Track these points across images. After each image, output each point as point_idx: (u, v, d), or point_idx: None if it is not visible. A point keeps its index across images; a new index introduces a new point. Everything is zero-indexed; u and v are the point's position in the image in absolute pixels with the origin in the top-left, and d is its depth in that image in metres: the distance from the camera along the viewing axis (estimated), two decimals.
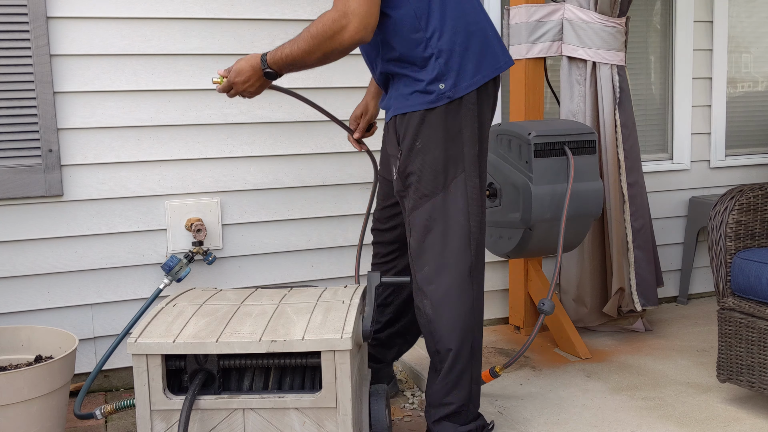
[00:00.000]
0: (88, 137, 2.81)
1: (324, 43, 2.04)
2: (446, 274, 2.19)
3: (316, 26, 2.05)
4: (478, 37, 2.17)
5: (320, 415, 1.92)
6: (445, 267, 2.19)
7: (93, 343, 2.90)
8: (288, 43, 2.13)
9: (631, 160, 3.18)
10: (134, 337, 1.93)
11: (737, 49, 3.88)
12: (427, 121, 2.15)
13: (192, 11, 2.88)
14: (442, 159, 2.16)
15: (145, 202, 2.90)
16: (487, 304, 3.50)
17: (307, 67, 2.14)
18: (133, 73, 2.84)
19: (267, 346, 1.90)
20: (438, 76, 2.13)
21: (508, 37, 3.16)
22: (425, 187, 2.18)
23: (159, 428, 1.95)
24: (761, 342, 2.43)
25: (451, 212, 2.19)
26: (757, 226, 2.57)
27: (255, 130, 3.01)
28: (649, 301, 3.24)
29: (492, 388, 2.74)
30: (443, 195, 2.18)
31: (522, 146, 2.76)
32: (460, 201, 2.18)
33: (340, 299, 2.15)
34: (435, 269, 2.20)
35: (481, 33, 2.18)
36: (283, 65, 2.15)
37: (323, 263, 3.18)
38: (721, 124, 3.81)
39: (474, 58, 2.15)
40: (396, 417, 2.66)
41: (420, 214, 2.20)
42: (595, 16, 3.05)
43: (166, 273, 2.83)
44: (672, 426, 2.42)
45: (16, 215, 2.75)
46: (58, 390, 2.23)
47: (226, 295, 2.27)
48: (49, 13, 2.69)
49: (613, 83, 3.11)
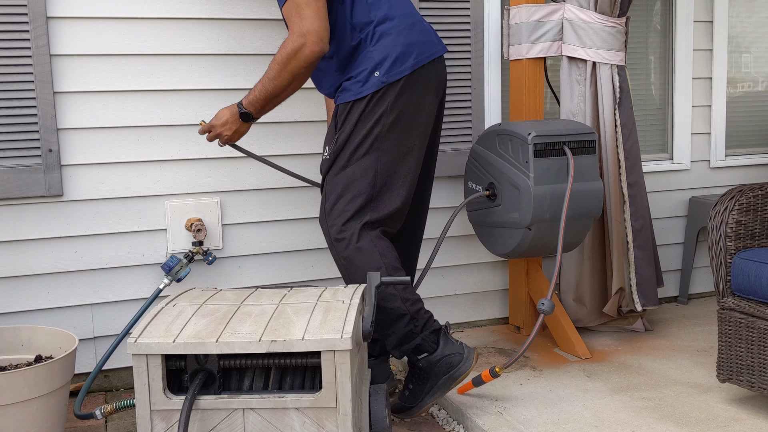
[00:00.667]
0: (88, 137, 2.81)
1: (289, 64, 2.29)
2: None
3: (279, 54, 2.31)
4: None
5: (320, 415, 1.92)
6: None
7: (93, 343, 2.90)
8: (257, 83, 2.39)
9: (631, 160, 3.18)
10: (134, 337, 1.93)
11: (737, 49, 3.88)
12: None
13: (192, 11, 2.88)
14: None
15: (145, 202, 2.90)
16: (487, 304, 3.50)
17: (279, 96, 2.38)
18: (132, 73, 2.84)
19: (267, 346, 1.90)
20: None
21: (508, 37, 3.16)
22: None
23: (159, 428, 1.95)
24: (761, 342, 2.43)
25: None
26: (757, 226, 2.57)
27: (255, 130, 3.01)
28: (649, 301, 3.24)
29: (492, 388, 2.74)
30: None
31: (522, 146, 2.76)
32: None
33: (340, 299, 2.15)
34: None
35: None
36: (257, 101, 2.40)
37: (323, 263, 3.18)
38: (721, 124, 3.81)
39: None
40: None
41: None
42: (595, 16, 3.05)
43: (166, 273, 2.83)
44: (672, 426, 2.42)
45: (16, 215, 2.75)
46: (58, 390, 2.24)
47: (226, 295, 2.27)
48: (49, 13, 2.69)
49: (613, 83, 3.11)
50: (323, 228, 2.52)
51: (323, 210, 2.51)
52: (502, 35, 3.22)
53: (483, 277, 3.46)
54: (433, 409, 2.72)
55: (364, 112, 2.42)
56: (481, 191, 2.93)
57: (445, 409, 2.70)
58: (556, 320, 3.13)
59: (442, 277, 3.39)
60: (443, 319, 3.41)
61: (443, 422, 2.63)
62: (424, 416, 2.68)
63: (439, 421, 2.64)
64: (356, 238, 2.43)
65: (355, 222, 2.45)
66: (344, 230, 2.45)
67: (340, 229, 2.45)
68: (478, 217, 3.02)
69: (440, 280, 3.38)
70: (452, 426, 2.59)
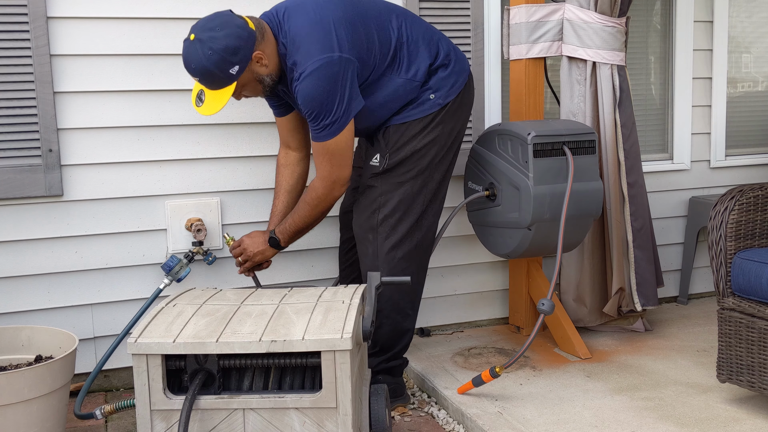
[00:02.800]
0: (88, 137, 2.81)
1: (319, 205, 2.53)
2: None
3: (309, 195, 2.53)
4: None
5: (320, 415, 1.92)
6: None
7: (93, 343, 2.90)
8: (288, 217, 2.60)
9: (631, 160, 3.18)
10: (134, 337, 1.93)
11: (737, 49, 3.88)
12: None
13: (192, 11, 2.87)
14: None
15: (145, 202, 2.90)
16: (487, 304, 3.50)
17: (306, 229, 2.60)
18: (133, 73, 2.84)
19: (267, 346, 1.90)
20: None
21: (509, 37, 3.16)
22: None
23: (159, 428, 1.95)
24: (761, 342, 2.43)
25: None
26: (757, 226, 2.57)
27: (255, 130, 3.01)
28: (649, 301, 3.24)
29: (492, 388, 2.74)
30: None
31: (522, 146, 2.76)
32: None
33: (340, 299, 2.15)
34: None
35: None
36: (287, 234, 2.60)
37: (323, 263, 3.18)
38: (721, 124, 3.81)
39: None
40: (396, 414, 2.66)
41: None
42: (595, 16, 3.05)
43: (166, 273, 2.83)
44: (672, 426, 2.42)
45: (16, 215, 2.75)
46: (58, 390, 2.24)
47: (226, 295, 2.27)
48: (49, 13, 2.69)
49: (613, 83, 3.11)
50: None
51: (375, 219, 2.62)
52: (502, 35, 3.22)
53: (483, 277, 3.46)
54: (433, 409, 2.72)
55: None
56: (480, 191, 2.93)
57: (445, 409, 2.70)
58: (556, 320, 3.13)
59: (442, 277, 3.39)
60: (443, 319, 3.42)
61: (443, 422, 2.63)
62: (424, 416, 2.68)
63: (439, 421, 2.64)
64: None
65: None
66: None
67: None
68: (478, 217, 3.02)
69: (440, 280, 3.38)
70: (452, 426, 2.59)
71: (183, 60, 2.35)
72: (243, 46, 2.31)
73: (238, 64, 2.32)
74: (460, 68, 2.64)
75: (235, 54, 2.30)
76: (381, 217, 2.59)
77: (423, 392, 2.89)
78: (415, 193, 2.59)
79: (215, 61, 2.29)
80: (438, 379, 2.84)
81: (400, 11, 2.61)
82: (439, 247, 3.34)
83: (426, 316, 3.38)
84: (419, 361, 3.04)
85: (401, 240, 2.59)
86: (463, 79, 2.64)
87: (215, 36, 2.29)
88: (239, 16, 2.37)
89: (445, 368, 2.95)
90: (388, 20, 2.54)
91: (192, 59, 2.31)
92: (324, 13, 2.40)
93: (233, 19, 2.34)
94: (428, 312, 3.38)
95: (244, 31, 2.33)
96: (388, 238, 2.59)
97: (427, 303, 3.35)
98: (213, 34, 2.29)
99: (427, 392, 2.87)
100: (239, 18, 2.36)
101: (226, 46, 2.28)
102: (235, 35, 2.30)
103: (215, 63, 2.29)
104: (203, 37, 2.29)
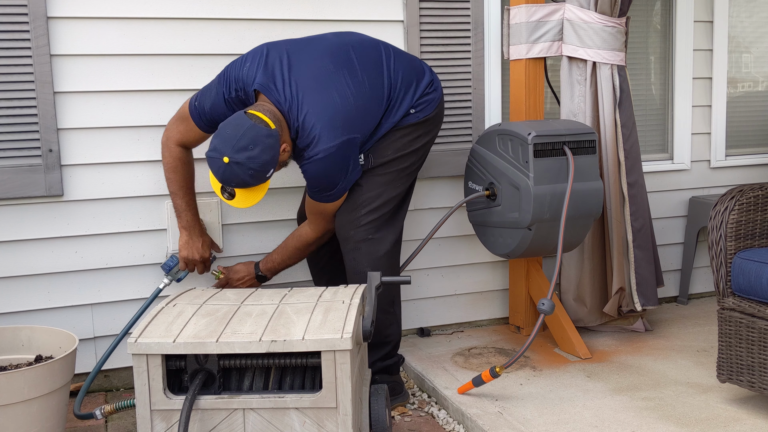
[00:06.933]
0: (88, 137, 2.81)
1: (306, 249, 2.77)
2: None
3: (299, 240, 2.74)
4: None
5: (320, 415, 1.92)
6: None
7: (93, 343, 2.90)
8: (274, 254, 2.80)
9: (631, 160, 3.18)
10: (134, 337, 1.93)
11: (737, 49, 3.88)
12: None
13: (192, 11, 2.88)
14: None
15: (145, 202, 2.90)
16: (487, 304, 3.50)
17: (291, 265, 2.84)
18: (133, 73, 2.84)
19: (267, 346, 1.90)
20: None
21: (509, 37, 3.16)
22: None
23: (159, 428, 1.95)
24: (761, 342, 2.43)
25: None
26: (757, 226, 2.57)
27: None
28: (649, 301, 3.24)
29: (492, 388, 2.74)
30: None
31: (522, 146, 2.76)
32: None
33: (340, 299, 2.16)
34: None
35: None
36: (273, 269, 2.81)
37: None
38: (721, 124, 3.81)
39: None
40: (396, 414, 2.66)
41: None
42: (595, 16, 3.05)
43: (166, 273, 2.83)
44: (672, 426, 2.42)
45: (16, 215, 2.75)
46: (58, 390, 2.24)
47: (226, 295, 2.27)
48: (49, 13, 2.69)
49: (613, 83, 3.11)
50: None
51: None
52: (502, 35, 3.22)
53: (483, 277, 3.46)
54: (433, 409, 2.72)
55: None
56: (481, 191, 2.93)
57: (445, 409, 2.70)
58: (556, 320, 3.13)
59: (442, 277, 3.39)
60: (443, 319, 3.42)
61: (443, 422, 2.63)
62: (425, 416, 2.69)
63: (439, 421, 2.64)
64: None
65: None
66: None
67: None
68: (478, 217, 3.02)
69: (440, 280, 3.38)
70: (452, 426, 2.59)
71: (219, 178, 2.37)
72: (276, 153, 2.39)
73: (273, 167, 2.40)
74: (436, 94, 2.71)
75: (272, 163, 2.38)
76: (363, 213, 2.62)
77: (423, 392, 2.89)
78: (396, 194, 2.67)
79: (256, 176, 2.37)
80: (438, 379, 2.84)
81: (388, 50, 2.67)
82: (440, 247, 3.34)
83: (426, 316, 3.38)
84: (419, 361, 3.04)
85: (383, 238, 2.65)
86: (438, 97, 2.71)
87: (252, 156, 2.32)
88: (258, 118, 2.36)
89: (445, 368, 2.96)
90: (381, 72, 2.59)
91: (232, 179, 2.36)
92: (333, 97, 2.47)
93: (258, 129, 2.34)
94: (428, 312, 3.38)
95: (272, 138, 2.37)
96: (370, 236, 2.63)
97: (427, 303, 3.35)
98: (249, 155, 2.32)
99: (428, 392, 2.87)
100: (261, 124, 2.35)
101: (264, 162, 2.35)
102: (268, 147, 2.35)
103: (256, 177, 2.37)
104: (240, 159, 2.31)
